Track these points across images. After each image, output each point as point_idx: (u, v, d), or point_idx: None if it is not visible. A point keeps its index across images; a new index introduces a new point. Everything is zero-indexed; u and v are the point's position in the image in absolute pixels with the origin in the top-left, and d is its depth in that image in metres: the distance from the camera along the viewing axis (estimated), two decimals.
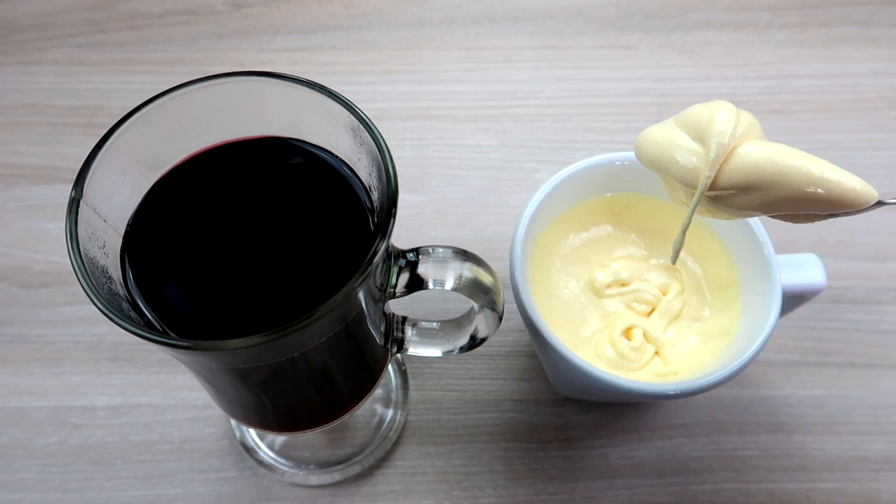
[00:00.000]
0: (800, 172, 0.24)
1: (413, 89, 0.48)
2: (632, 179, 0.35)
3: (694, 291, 0.34)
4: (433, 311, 0.40)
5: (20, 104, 0.47)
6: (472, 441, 0.36)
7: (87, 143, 0.22)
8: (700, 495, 0.35)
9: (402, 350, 0.30)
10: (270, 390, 0.26)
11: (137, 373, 0.37)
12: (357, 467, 0.35)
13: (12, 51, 0.49)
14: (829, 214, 0.25)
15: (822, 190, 0.24)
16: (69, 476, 0.35)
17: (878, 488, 0.35)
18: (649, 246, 0.35)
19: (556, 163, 0.45)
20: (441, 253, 0.25)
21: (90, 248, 0.21)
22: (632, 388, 0.28)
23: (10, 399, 0.37)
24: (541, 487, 0.35)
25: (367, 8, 0.51)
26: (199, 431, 0.36)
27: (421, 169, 0.44)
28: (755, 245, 0.32)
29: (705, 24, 0.50)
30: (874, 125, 0.46)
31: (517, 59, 0.49)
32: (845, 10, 0.51)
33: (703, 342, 0.32)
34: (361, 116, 0.23)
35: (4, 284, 0.40)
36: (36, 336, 0.39)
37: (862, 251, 0.41)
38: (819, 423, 0.36)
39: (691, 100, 0.46)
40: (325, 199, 0.25)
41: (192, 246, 0.24)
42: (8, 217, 0.42)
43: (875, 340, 0.39)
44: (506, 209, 0.43)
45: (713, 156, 0.25)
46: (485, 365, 0.38)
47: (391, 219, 0.21)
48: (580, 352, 0.29)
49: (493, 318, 0.27)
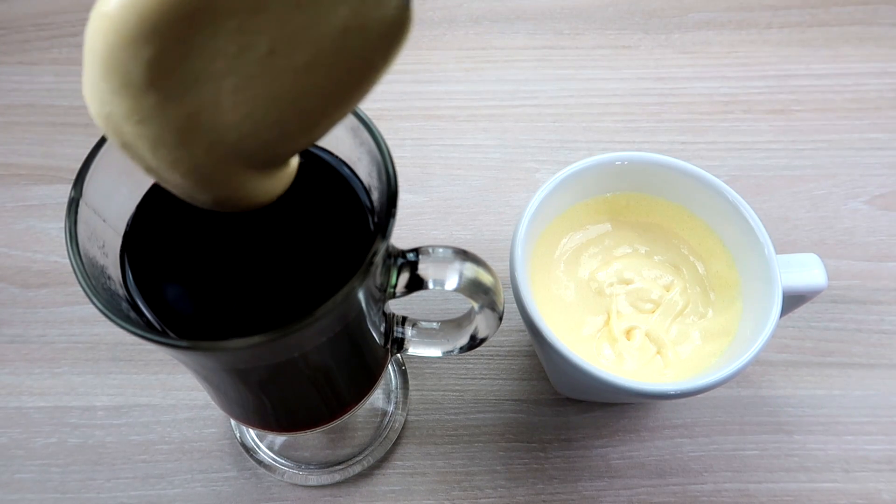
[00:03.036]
0: None
1: (413, 89, 0.48)
2: (632, 179, 0.35)
3: (698, 288, 0.34)
4: (433, 311, 0.40)
5: (20, 104, 0.47)
6: (472, 441, 0.36)
7: (86, 143, 0.22)
8: (700, 495, 0.35)
9: (402, 350, 0.30)
10: (270, 390, 0.26)
11: (137, 373, 0.37)
12: (357, 467, 0.35)
13: (12, 51, 0.49)
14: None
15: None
16: (69, 476, 0.35)
17: (879, 488, 0.35)
18: (650, 245, 0.35)
19: (556, 163, 0.45)
20: (441, 253, 0.25)
21: (90, 248, 0.21)
22: (632, 388, 0.28)
23: (9, 399, 0.37)
24: (541, 487, 0.35)
25: None
26: (199, 431, 0.36)
27: (421, 169, 0.44)
28: (755, 245, 0.32)
29: (705, 24, 0.50)
30: (875, 125, 0.46)
31: (517, 59, 0.49)
32: (846, 9, 0.51)
33: (705, 342, 0.32)
34: (361, 116, 0.23)
35: (4, 284, 0.40)
36: (36, 336, 0.38)
37: (862, 251, 0.41)
38: (820, 423, 0.36)
39: (691, 100, 0.47)
40: (325, 199, 0.25)
41: (191, 246, 0.24)
42: (8, 217, 0.42)
43: (876, 340, 0.38)
44: (506, 209, 0.43)
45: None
46: (485, 365, 0.38)
47: (391, 219, 0.21)
48: (580, 352, 0.29)
49: (494, 318, 0.27)
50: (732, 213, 0.32)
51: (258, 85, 0.16)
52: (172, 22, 0.14)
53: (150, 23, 0.14)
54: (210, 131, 0.16)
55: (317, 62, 0.16)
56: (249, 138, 0.17)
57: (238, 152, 0.17)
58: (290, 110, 0.17)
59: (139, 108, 0.15)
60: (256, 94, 0.16)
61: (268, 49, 0.15)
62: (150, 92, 0.15)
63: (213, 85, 0.16)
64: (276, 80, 0.16)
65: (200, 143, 0.17)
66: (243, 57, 0.15)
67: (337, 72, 0.16)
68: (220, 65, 0.15)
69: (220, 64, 0.15)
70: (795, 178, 0.44)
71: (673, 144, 0.45)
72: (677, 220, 0.35)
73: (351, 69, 0.16)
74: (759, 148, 0.45)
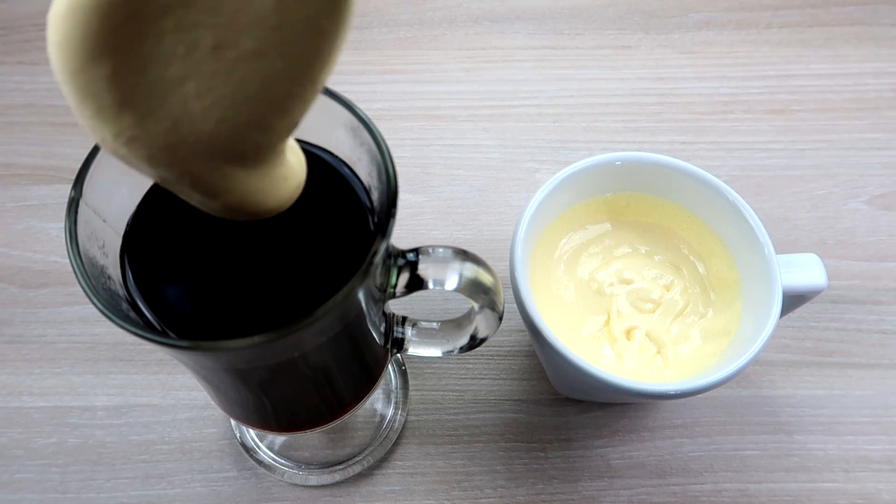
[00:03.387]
0: None
1: (413, 89, 0.48)
2: (632, 179, 0.35)
3: (698, 288, 0.34)
4: (433, 311, 0.40)
5: (20, 104, 0.47)
6: (472, 441, 0.36)
7: (86, 143, 0.21)
8: (700, 495, 0.35)
9: (402, 350, 0.30)
10: (270, 390, 0.26)
11: (137, 373, 0.37)
12: (357, 467, 0.35)
13: (12, 51, 0.49)
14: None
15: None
16: (69, 476, 0.35)
17: (879, 488, 0.35)
18: (650, 245, 0.35)
19: (556, 163, 0.45)
20: (441, 253, 0.25)
21: (90, 248, 0.21)
22: (632, 388, 0.28)
23: (9, 399, 0.37)
24: (541, 487, 0.35)
25: (366, 8, 0.51)
26: (198, 431, 0.36)
27: (421, 169, 0.44)
28: (755, 245, 0.32)
29: (705, 23, 0.50)
30: (874, 125, 0.46)
31: (517, 59, 0.49)
32: (846, 9, 0.51)
33: (705, 342, 0.32)
34: (361, 116, 0.23)
35: (4, 284, 0.40)
36: (35, 336, 0.38)
37: (862, 251, 0.41)
38: (820, 423, 0.36)
39: (691, 100, 0.47)
40: (325, 198, 0.25)
41: (191, 246, 0.24)
42: (7, 217, 0.42)
43: (876, 340, 0.38)
44: (506, 209, 0.43)
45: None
46: (485, 365, 0.38)
47: (391, 219, 0.21)
48: (580, 352, 0.29)
49: (494, 318, 0.27)
50: (732, 213, 0.32)
51: (219, 84, 0.16)
52: (112, 33, 0.14)
53: (93, 40, 0.14)
54: (196, 142, 0.16)
55: (265, 44, 0.15)
56: (233, 140, 0.17)
57: (229, 155, 0.17)
58: (260, 102, 0.16)
59: (120, 129, 0.16)
60: (222, 95, 0.16)
61: (213, 42, 0.15)
62: (123, 112, 0.16)
63: (178, 93, 0.16)
64: (232, 74, 0.16)
65: (191, 153, 0.17)
66: (193, 55, 0.15)
67: (289, 49, 0.16)
68: (177, 69, 0.15)
69: (176, 68, 0.15)
70: (795, 178, 0.44)
71: (673, 144, 0.45)
72: (677, 220, 0.35)
73: (303, 42, 0.16)
74: (759, 148, 0.45)
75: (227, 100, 0.16)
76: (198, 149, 0.16)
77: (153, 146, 0.16)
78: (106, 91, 0.15)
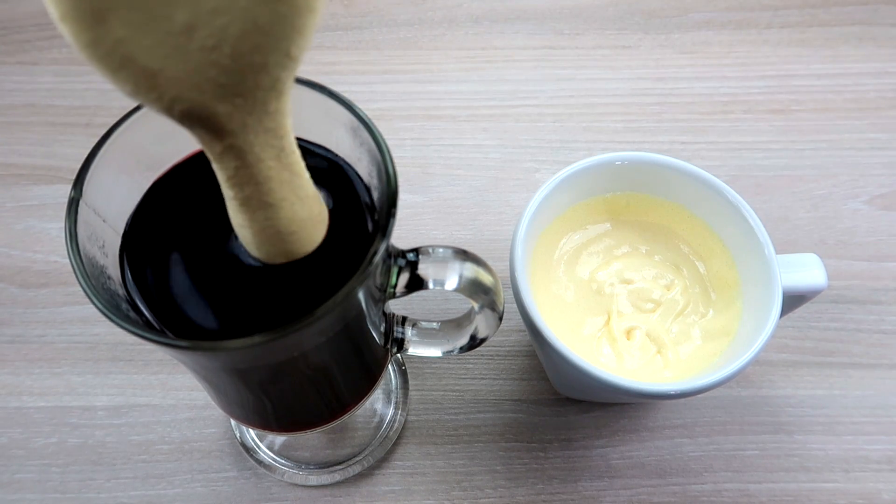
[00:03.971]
0: None
1: (413, 89, 0.48)
2: (632, 179, 0.35)
3: (698, 288, 0.34)
4: (433, 311, 0.40)
5: (20, 104, 0.47)
6: (472, 441, 0.36)
7: (86, 143, 0.22)
8: (700, 495, 0.35)
9: (402, 350, 0.30)
10: (270, 390, 0.26)
11: (137, 373, 0.37)
12: (357, 467, 0.35)
13: (12, 51, 0.49)
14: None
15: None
16: (68, 476, 0.35)
17: (879, 488, 0.35)
18: (650, 245, 0.35)
19: (556, 163, 0.45)
20: (441, 253, 0.25)
21: (90, 248, 0.21)
22: (632, 388, 0.28)
23: (9, 399, 0.37)
24: (541, 487, 0.35)
25: (366, 8, 0.51)
26: (198, 431, 0.36)
27: (421, 169, 0.44)
28: (755, 245, 0.32)
29: (705, 24, 0.50)
30: (874, 125, 0.46)
31: (517, 59, 0.49)
32: (845, 9, 0.51)
33: (706, 341, 0.32)
34: (361, 116, 0.23)
35: (4, 284, 0.40)
36: (35, 336, 0.38)
37: (862, 251, 0.41)
38: (820, 423, 0.36)
39: (691, 100, 0.47)
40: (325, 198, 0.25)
41: (191, 245, 0.24)
42: (7, 217, 0.42)
43: (876, 340, 0.38)
44: (506, 209, 0.43)
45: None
46: (485, 365, 0.38)
47: (391, 219, 0.21)
48: (580, 352, 0.29)
49: (494, 318, 0.27)
50: (732, 213, 0.32)
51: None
52: None
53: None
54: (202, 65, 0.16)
55: None
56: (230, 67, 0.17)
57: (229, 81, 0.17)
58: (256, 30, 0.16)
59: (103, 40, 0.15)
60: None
61: None
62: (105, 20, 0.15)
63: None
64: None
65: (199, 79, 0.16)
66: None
67: None
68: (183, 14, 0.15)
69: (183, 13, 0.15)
70: (795, 178, 0.44)
71: (673, 144, 0.45)
72: (677, 219, 0.35)
73: None
74: (759, 148, 0.45)
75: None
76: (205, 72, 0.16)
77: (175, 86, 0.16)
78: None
